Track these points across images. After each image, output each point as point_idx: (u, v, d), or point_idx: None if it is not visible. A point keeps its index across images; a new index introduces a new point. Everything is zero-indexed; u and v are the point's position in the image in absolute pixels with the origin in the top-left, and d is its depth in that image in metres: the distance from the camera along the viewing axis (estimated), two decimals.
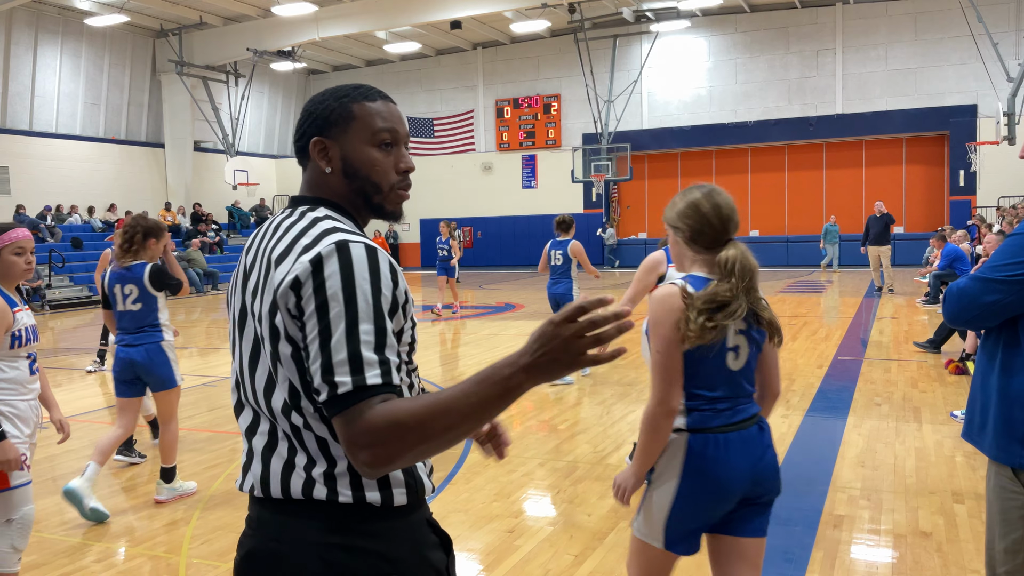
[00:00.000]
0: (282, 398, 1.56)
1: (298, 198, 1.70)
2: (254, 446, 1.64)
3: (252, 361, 1.62)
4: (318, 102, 1.69)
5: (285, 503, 1.58)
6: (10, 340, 3.51)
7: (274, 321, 1.53)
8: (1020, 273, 2.23)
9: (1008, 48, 22.89)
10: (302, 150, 1.70)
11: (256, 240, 1.68)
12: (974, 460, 5.72)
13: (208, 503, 5.29)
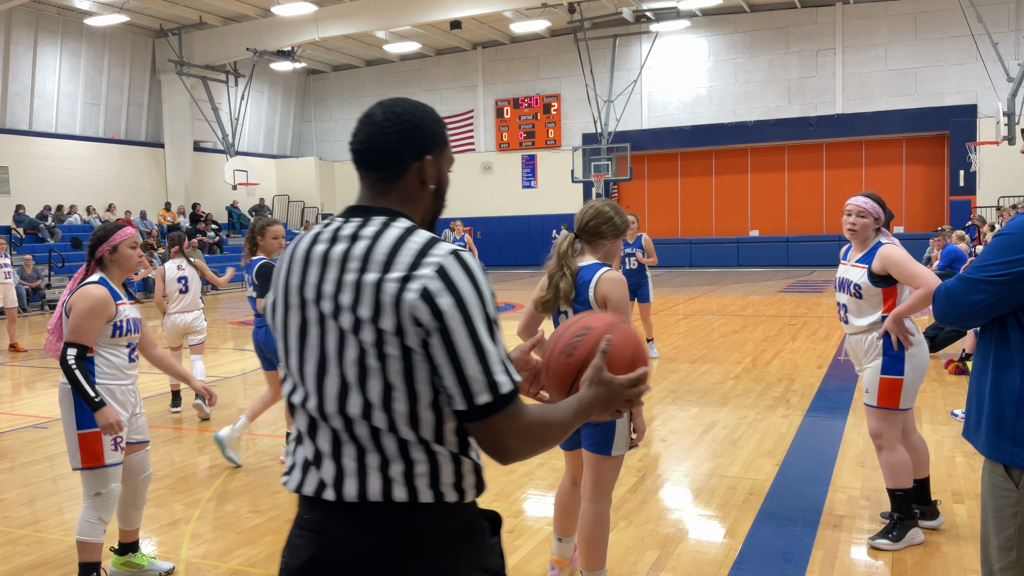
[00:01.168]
0: (361, 402, 1.60)
1: (371, 208, 1.70)
2: (320, 449, 1.66)
3: (321, 367, 1.64)
4: (422, 119, 1.71)
5: (360, 506, 1.61)
6: (112, 330, 3.87)
7: (380, 326, 1.56)
8: (1005, 273, 2.25)
9: (1008, 48, 22.90)
10: (400, 162, 1.70)
11: (320, 249, 1.67)
12: (974, 460, 5.72)
13: (208, 503, 5.28)
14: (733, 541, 4.45)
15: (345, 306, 1.60)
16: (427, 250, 1.57)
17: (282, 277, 1.73)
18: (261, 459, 6.32)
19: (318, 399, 1.65)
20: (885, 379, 4.23)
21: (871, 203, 4.30)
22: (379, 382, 1.58)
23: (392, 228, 1.63)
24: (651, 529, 4.64)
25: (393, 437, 1.60)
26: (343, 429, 1.63)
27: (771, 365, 9.72)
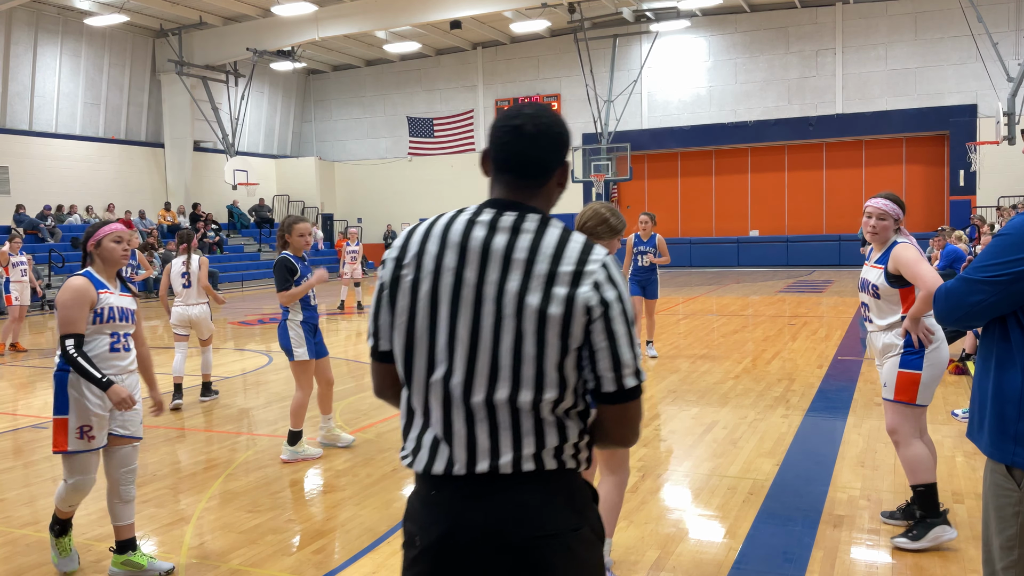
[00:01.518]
0: (510, 385, 1.74)
1: (516, 203, 1.83)
2: (454, 428, 1.77)
3: (472, 349, 1.75)
4: (563, 130, 1.86)
5: (491, 480, 1.75)
6: (92, 316, 4.04)
7: (548, 312, 1.71)
8: (1003, 274, 2.26)
9: (1008, 48, 22.90)
10: (549, 170, 1.85)
11: (479, 234, 1.78)
12: (974, 460, 5.72)
13: (208, 503, 5.28)
14: (733, 541, 4.46)
15: (511, 292, 1.73)
16: (590, 248, 1.77)
17: (432, 258, 1.80)
18: (261, 459, 6.32)
19: (463, 379, 1.76)
20: (903, 373, 4.26)
21: (890, 204, 4.35)
22: (532, 367, 1.72)
23: (552, 227, 1.79)
24: (651, 529, 4.64)
25: (531, 417, 1.75)
26: (482, 408, 1.75)
27: (771, 365, 9.72)
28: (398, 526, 4.79)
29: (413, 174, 31.82)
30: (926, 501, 4.25)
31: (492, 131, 1.87)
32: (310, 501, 5.33)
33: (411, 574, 1.84)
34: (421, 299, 1.80)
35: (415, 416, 1.83)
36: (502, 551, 1.74)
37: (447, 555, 1.78)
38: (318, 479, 5.83)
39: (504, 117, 1.86)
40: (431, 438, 1.80)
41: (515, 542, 1.74)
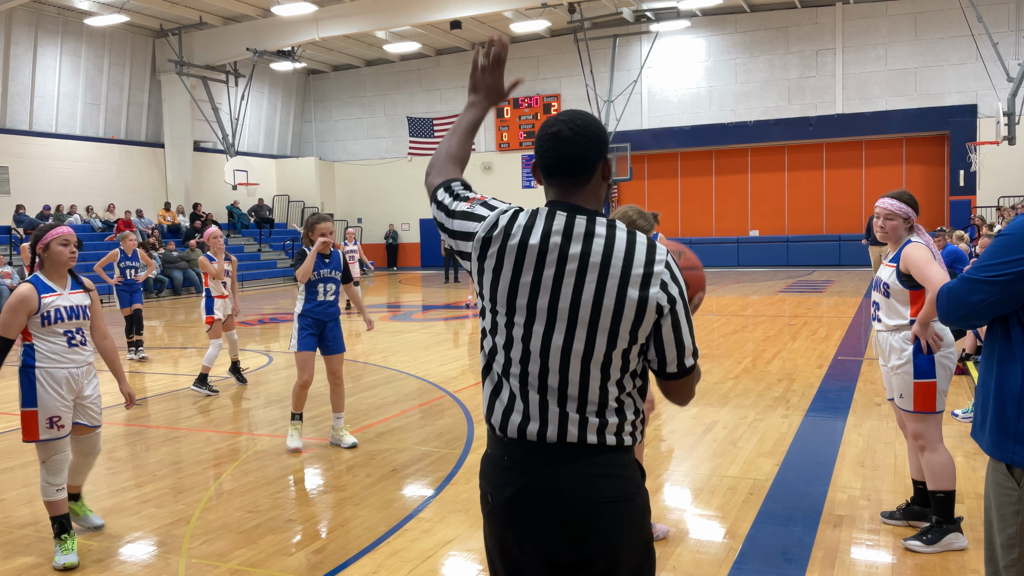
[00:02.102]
0: (581, 369, 1.97)
1: (577, 207, 2.03)
2: (530, 404, 2.01)
3: (546, 338, 1.99)
4: (599, 127, 2.05)
5: (559, 448, 1.99)
6: (40, 320, 4.33)
7: (621, 315, 1.95)
8: (1004, 274, 2.27)
9: (1008, 48, 22.90)
10: (591, 166, 2.04)
11: (556, 241, 1.98)
12: (974, 460, 5.72)
13: (208, 503, 5.28)
14: (733, 541, 4.46)
15: (588, 292, 1.95)
16: (654, 249, 1.99)
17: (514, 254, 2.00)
18: (261, 459, 6.32)
19: (540, 367, 2.00)
20: (920, 384, 4.22)
21: (897, 204, 4.32)
22: (602, 356, 1.96)
23: (618, 230, 2.00)
24: None
25: (598, 397, 1.98)
26: (557, 389, 1.99)
27: (771, 365, 9.72)
28: (398, 526, 4.79)
29: (413, 174, 31.81)
30: (944, 507, 4.24)
31: (536, 143, 2.07)
32: (310, 501, 5.33)
33: (487, 528, 2.11)
34: (502, 290, 2.01)
35: (501, 389, 2.06)
36: (566, 512, 1.96)
37: (517, 513, 2.01)
38: (318, 479, 5.83)
39: (544, 127, 2.06)
40: (520, 412, 2.02)
41: (578, 505, 1.96)
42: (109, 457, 6.46)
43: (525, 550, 2.03)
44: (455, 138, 2.33)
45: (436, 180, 2.25)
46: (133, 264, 11.86)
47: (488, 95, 2.35)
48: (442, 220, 2.15)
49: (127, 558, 4.46)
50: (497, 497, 2.04)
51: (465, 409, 7.79)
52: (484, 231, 2.05)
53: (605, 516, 1.97)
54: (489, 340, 2.08)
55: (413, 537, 4.62)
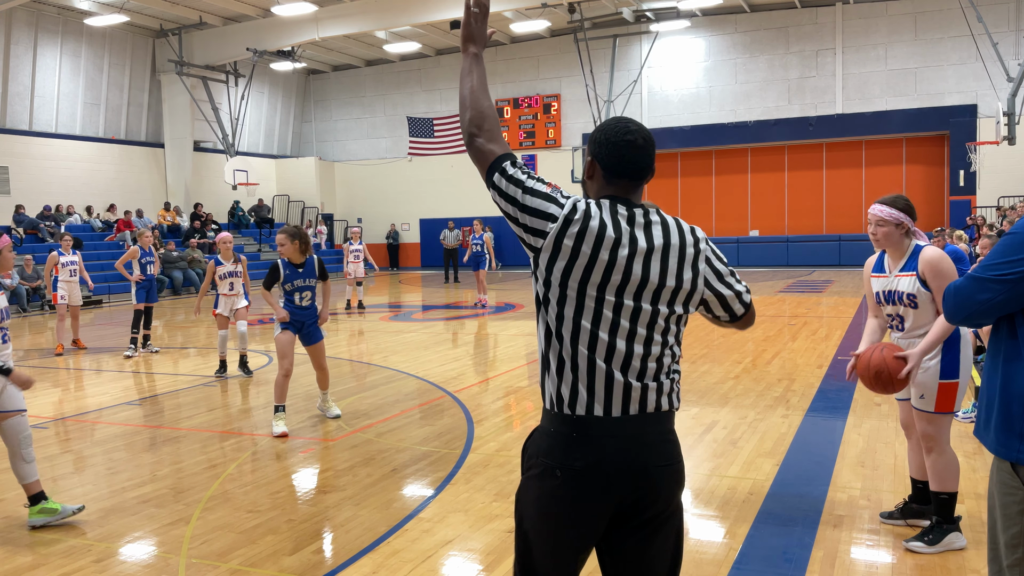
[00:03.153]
0: (644, 338, 2.24)
1: (643, 203, 2.33)
2: (615, 376, 2.22)
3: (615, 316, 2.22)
4: (653, 137, 2.33)
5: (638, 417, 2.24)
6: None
7: (682, 283, 2.26)
8: (1010, 272, 2.27)
9: (1008, 48, 22.90)
10: (651, 173, 2.34)
11: (625, 228, 2.23)
12: (974, 460, 5.72)
13: (208, 503, 5.28)
14: (733, 541, 4.46)
15: (655, 271, 2.23)
16: (694, 230, 2.33)
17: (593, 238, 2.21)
18: (261, 459, 6.32)
19: (610, 335, 2.22)
20: (945, 384, 4.15)
21: (888, 210, 4.20)
22: (662, 328, 2.26)
23: (668, 218, 2.31)
24: None
25: (657, 361, 2.26)
26: (623, 360, 2.23)
27: (771, 365, 9.72)
28: (398, 526, 4.79)
29: (413, 174, 31.82)
30: (946, 508, 4.23)
31: (608, 146, 2.27)
32: (310, 501, 5.33)
33: (546, 503, 2.26)
34: (577, 268, 2.20)
35: (565, 363, 2.24)
36: (634, 479, 2.20)
37: (590, 482, 2.19)
38: (318, 479, 5.83)
39: (617, 133, 2.27)
40: (578, 383, 2.22)
41: (642, 470, 2.20)
42: (109, 457, 6.47)
43: (583, 522, 2.23)
44: (487, 98, 2.44)
45: (498, 150, 2.36)
46: (151, 259, 12.10)
47: (482, 43, 2.48)
48: (513, 193, 2.27)
49: (127, 558, 4.46)
50: (567, 471, 2.20)
51: (465, 409, 7.79)
52: (566, 214, 2.21)
53: (667, 478, 2.25)
54: (555, 311, 2.24)
55: (413, 537, 4.62)
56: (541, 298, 2.28)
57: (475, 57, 2.44)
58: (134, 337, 11.83)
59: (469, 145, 2.40)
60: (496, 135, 2.39)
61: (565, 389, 2.23)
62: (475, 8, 2.44)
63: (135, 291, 11.89)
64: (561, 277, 2.21)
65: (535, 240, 2.25)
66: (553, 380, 2.26)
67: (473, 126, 2.39)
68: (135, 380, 10.13)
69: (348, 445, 6.64)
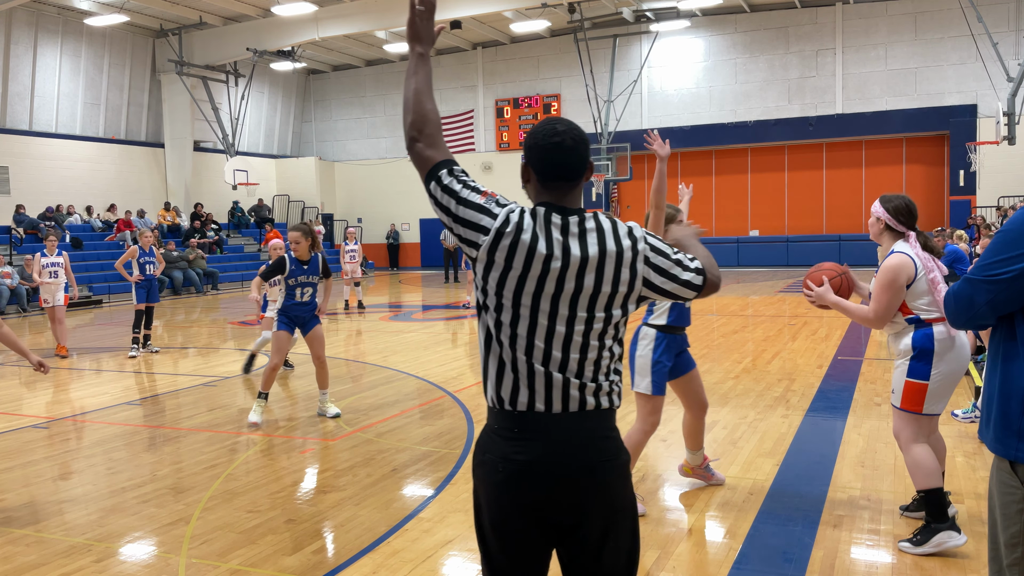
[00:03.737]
0: (581, 341, 2.24)
1: (576, 209, 2.29)
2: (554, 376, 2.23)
3: (551, 323, 2.22)
4: (586, 136, 2.30)
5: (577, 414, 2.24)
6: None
7: (619, 285, 2.23)
8: (1007, 271, 2.25)
9: (1008, 48, 22.89)
10: (583, 171, 2.29)
11: (557, 237, 2.21)
12: (974, 460, 5.73)
13: (208, 503, 5.29)
14: (733, 541, 4.46)
15: (589, 280, 2.21)
16: (631, 230, 2.28)
17: (525, 248, 2.20)
18: (261, 459, 6.32)
19: (546, 339, 2.24)
20: (910, 383, 4.26)
21: (877, 207, 4.41)
22: (600, 327, 2.25)
23: (604, 220, 2.27)
24: (651, 529, 4.64)
25: (595, 361, 2.25)
26: (560, 360, 2.23)
27: (771, 365, 9.72)
28: (398, 526, 4.79)
29: (413, 174, 31.50)
30: (930, 506, 4.23)
31: (536, 150, 2.26)
32: (310, 501, 5.33)
33: (490, 499, 2.27)
34: (511, 278, 2.20)
35: (506, 364, 2.25)
36: (571, 474, 2.19)
37: (529, 478, 2.20)
38: (318, 479, 5.83)
39: (545, 136, 2.25)
40: (519, 382, 2.24)
41: (580, 466, 2.20)
42: (109, 457, 6.47)
43: (528, 515, 2.23)
44: (431, 101, 2.42)
45: (437, 156, 2.38)
46: (151, 260, 12.03)
47: (429, 43, 2.45)
48: (447, 204, 2.30)
49: (127, 558, 4.46)
50: (509, 466, 2.21)
51: (465, 409, 7.79)
52: (498, 226, 2.21)
53: (607, 474, 2.23)
54: (493, 318, 2.25)
55: (413, 537, 4.62)
56: (480, 304, 2.30)
57: (420, 57, 2.42)
58: (136, 337, 11.84)
59: (409, 149, 2.40)
60: (436, 140, 2.40)
61: (506, 389, 2.25)
62: (420, 7, 2.42)
63: (135, 291, 11.90)
64: (496, 287, 2.22)
65: (469, 250, 2.26)
66: (494, 381, 2.27)
67: (414, 130, 2.39)
68: (135, 380, 10.13)
69: (348, 445, 6.64)
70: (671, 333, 4.89)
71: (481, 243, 2.22)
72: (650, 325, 4.90)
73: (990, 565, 2.43)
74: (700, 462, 5.33)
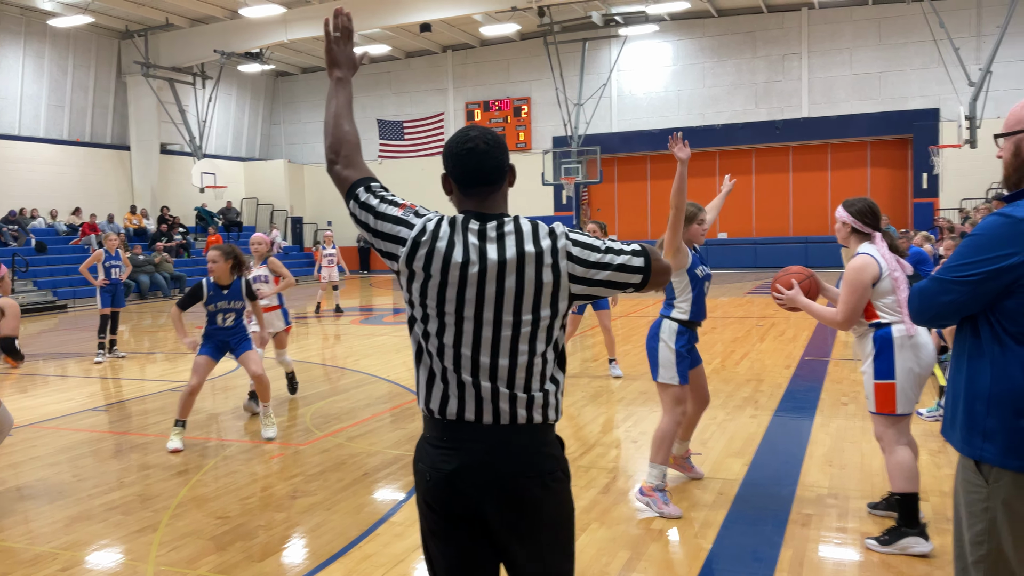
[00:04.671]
0: (508, 348, 2.22)
1: (496, 214, 2.27)
2: (482, 385, 2.21)
3: (477, 330, 2.21)
4: (503, 140, 2.30)
5: (508, 426, 2.21)
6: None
7: (543, 286, 2.19)
8: (974, 273, 2.30)
9: (969, 53, 23.31)
10: (503, 175, 2.29)
11: (473, 242, 2.20)
12: (938, 458, 5.82)
13: (176, 510, 5.23)
14: (703, 541, 4.49)
15: (511, 282, 2.19)
16: (553, 230, 2.24)
17: (441, 257, 2.19)
18: (230, 464, 6.26)
19: (472, 351, 2.22)
20: (879, 385, 4.31)
21: (840, 211, 4.51)
22: (528, 337, 2.21)
23: (524, 223, 2.24)
24: (622, 530, 4.67)
25: (526, 370, 2.22)
26: (489, 369, 2.21)
27: (740, 366, 9.81)
28: (369, 531, 4.77)
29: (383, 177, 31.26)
30: (904, 510, 4.27)
31: (452, 157, 2.26)
32: (280, 506, 5.29)
33: (423, 509, 2.29)
34: (431, 287, 2.20)
35: (436, 374, 2.24)
36: (499, 487, 2.17)
37: (455, 488, 2.19)
38: (288, 484, 5.79)
39: (458, 143, 2.25)
40: (448, 392, 2.22)
41: (510, 480, 2.18)
42: (75, 464, 6.37)
43: (459, 525, 2.23)
44: (349, 123, 2.45)
45: (354, 176, 2.38)
46: (117, 263, 11.83)
47: (349, 67, 2.49)
48: (365, 219, 2.30)
49: (93, 566, 4.40)
50: (435, 474, 2.21)
51: None
52: (414, 236, 2.22)
53: (534, 489, 2.20)
54: (420, 328, 2.25)
55: (385, 541, 4.60)
56: (408, 316, 2.30)
57: (339, 81, 2.46)
58: (101, 342, 11.66)
59: (329, 171, 2.42)
60: (353, 160, 2.40)
61: (436, 399, 2.24)
62: (336, 33, 2.46)
63: (99, 295, 11.73)
64: (420, 297, 2.23)
65: (391, 263, 2.28)
66: (424, 392, 2.27)
67: (332, 152, 2.42)
68: (101, 386, 9.99)
69: (319, 450, 6.61)
70: (690, 328, 5.09)
71: (400, 254, 2.24)
72: (671, 319, 5.06)
73: (955, 562, 2.47)
74: (684, 453, 5.49)
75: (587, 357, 10.84)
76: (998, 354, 2.32)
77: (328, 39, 2.46)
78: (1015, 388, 2.27)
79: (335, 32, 2.47)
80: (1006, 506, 2.29)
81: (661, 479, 4.93)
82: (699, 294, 5.10)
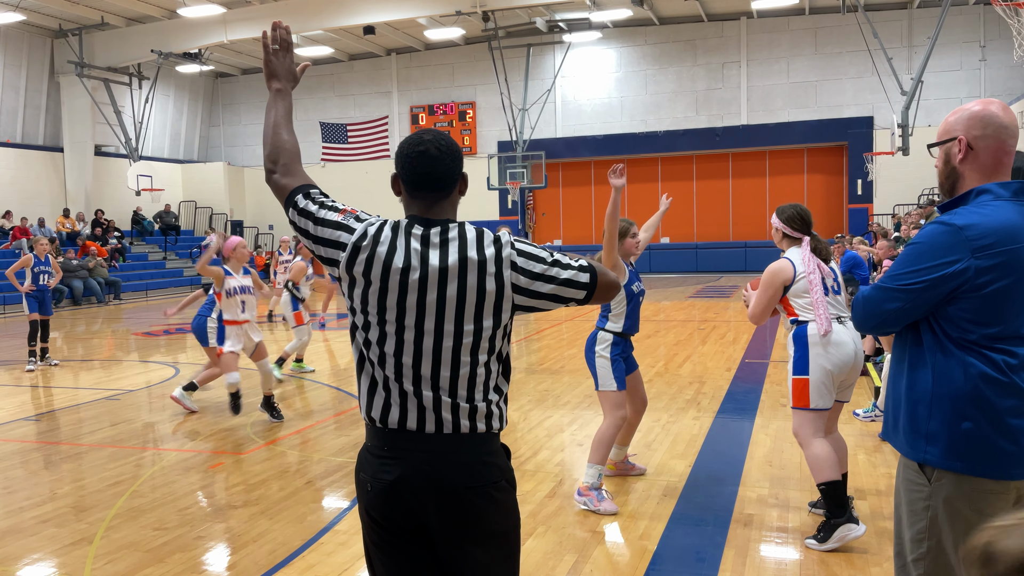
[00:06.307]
0: (450, 357, 2.19)
1: (441, 220, 2.24)
2: (424, 394, 2.18)
3: (418, 338, 2.19)
4: (458, 147, 2.28)
5: (451, 436, 2.18)
6: None
7: (485, 295, 2.16)
8: (916, 282, 2.35)
9: (901, 63, 24.03)
10: (453, 182, 2.26)
11: (416, 247, 2.17)
12: (875, 457, 5.97)
13: (112, 521, 5.09)
14: (648, 543, 4.53)
15: (452, 290, 2.16)
16: (498, 239, 2.21)
17: (381, 262, 2.16)
18: (168, 474, 6.12)
19: (414, 356, 2.20)
20: (795, 380, 4.51)
21: (774, 219, 4.78)
22: (470, 346, 2.17)
23: (468, 230, 2.21)
24: (568, 533, 4.68)
25: (469, 380, 2.19)
26: (430, 379, 2.19)
27: (683, 368, 9.93)
28: (313, 540, 4.71)
29: (327, 180, 31.29)
30: (830, 500, 4.38)
31: (403, 159, 2.23)
32: (220, 516, 5.19)
33: (365, 519, 2.25)
34: (372, 294, 2.17)
35: (378, 383, 2.21)
36: (441, 497, 2.13)
37: (396, 498, 2.16)
38: (229, 493, 5.68)
39: (410, 145, 2.23)
40: (390, 401, 2.19)
41: (452, 491, 2.13)
42: (5, 476, 6.16)
43: (402, 536, 2.20)
44: (288, 132, 2.45)
45: (292, 183, 2.36)
46: (46, 269, 11.46)
47: (288, 79, 2.50)
48: (305, 226, 2.28)
49: None
50: (377, 484, 2.18)
51: None
52: (354, 241, 2.19)
53: (478, 500, 2.16)
54: (362, 336, 2.22)
55: (328, 551, 4.54)
56: (350, 323, 2.27)
57: (278, 92, 2.47)
58: (32, 350, 11.29)
59: (268, 180, 2.41)
60: (292, 169, 2.39)
61: (378, 407, 2.21)
62: (274, 45, 2.47)
63: (26, 301, 11.36)
64: (361, 304, 2.19)
65: (332, 269, 2.25)
66: (366, 400, 2.24)
67: (270, 161, 2.41)
68: (32, 395, 9.68)
69: (260, 458, 6.50)
70: (624, 338, 5.31)
71: (340, 259, 2.20)
72: (606, 330, 5.29)
73: (895, 560, 2.52)
74: (623, 458, 5.69)
75: (533, 361, 10.87)
76: (940, 359, 2.36)
77: (267, 51, 2.47)
78: (956, 391, 2.32)
79: (273, 44, 2.47)
80: (947, 504, 2.34)
81: (597, 478, 5.07)
82: (634, 308, 5.33)
